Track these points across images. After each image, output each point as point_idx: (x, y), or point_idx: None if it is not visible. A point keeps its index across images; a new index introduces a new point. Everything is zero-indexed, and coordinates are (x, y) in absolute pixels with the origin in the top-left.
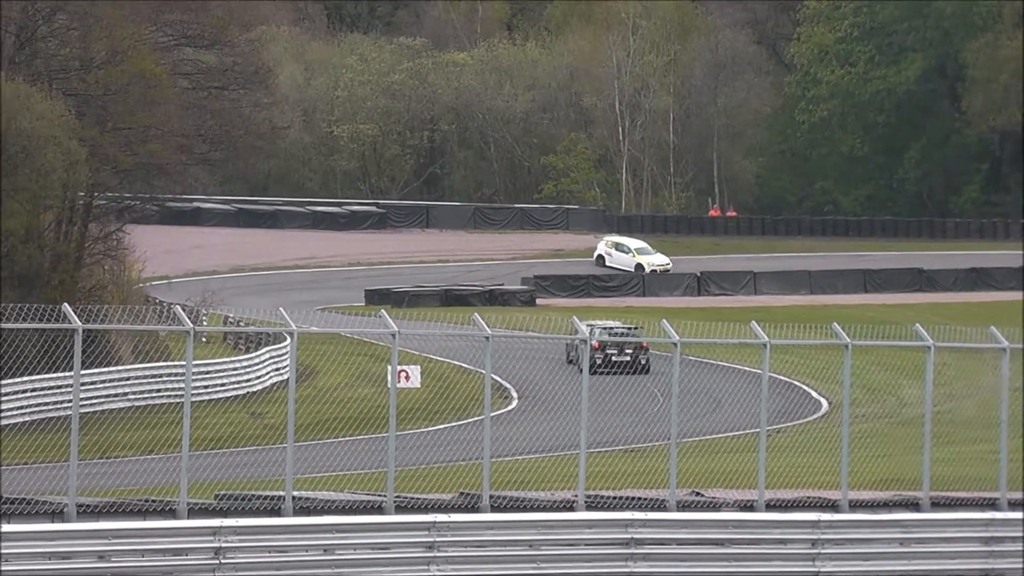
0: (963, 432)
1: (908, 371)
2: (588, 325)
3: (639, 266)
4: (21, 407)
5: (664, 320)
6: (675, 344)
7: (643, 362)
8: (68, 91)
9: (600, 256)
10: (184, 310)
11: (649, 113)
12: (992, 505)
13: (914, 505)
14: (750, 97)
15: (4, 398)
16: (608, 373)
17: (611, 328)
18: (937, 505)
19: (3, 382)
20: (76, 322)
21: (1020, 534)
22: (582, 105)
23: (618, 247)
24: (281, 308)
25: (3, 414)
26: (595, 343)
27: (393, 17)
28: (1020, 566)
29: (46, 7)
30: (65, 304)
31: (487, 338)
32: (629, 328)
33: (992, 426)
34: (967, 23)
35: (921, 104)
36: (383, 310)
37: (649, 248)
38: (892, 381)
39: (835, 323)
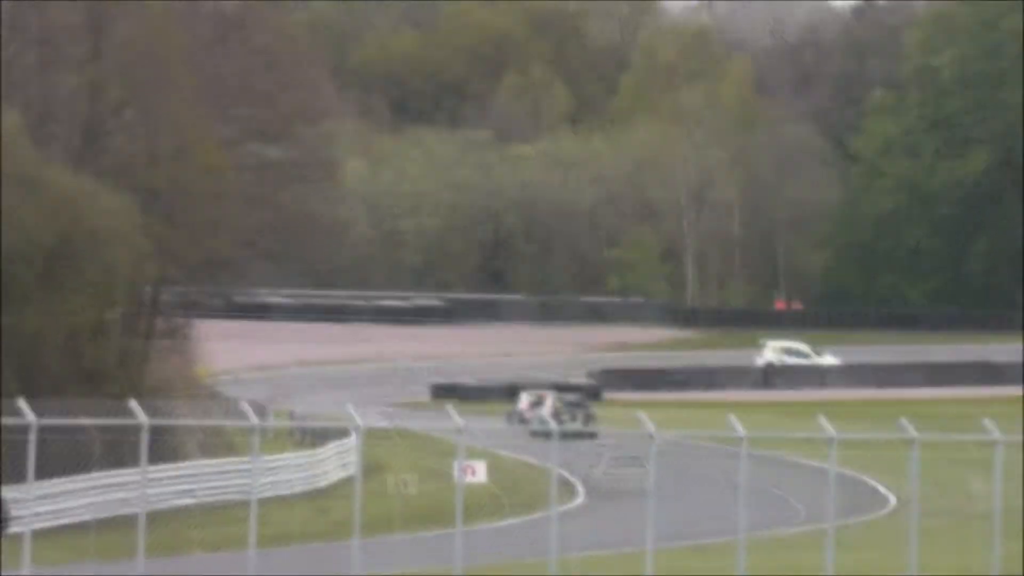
0: None
1: (976, 465)
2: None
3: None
4: (89, 503)
5: (731, 415)
6: (741, 439)
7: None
8: (135, 187)
9: (770, 363)
10: (251, 405)
11: (714, 205)
12: None
13: None
14: (815, 189)
15: (70, 495)
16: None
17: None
18: None
19: (68, 478)
20: (143, 418)
21: None
22: (647, 198)
23: (788, 352)
24: (349, 405)
25: (68, 511)
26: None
27: (458, 110)
28: None
29: (113, 103)
30: (132, 400)
31: (550, 434)
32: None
33: None
34: None
35: (988, 196)
36: (449, 406)
37: (807, 350)
38: (960, 475)
39: (902, 418)
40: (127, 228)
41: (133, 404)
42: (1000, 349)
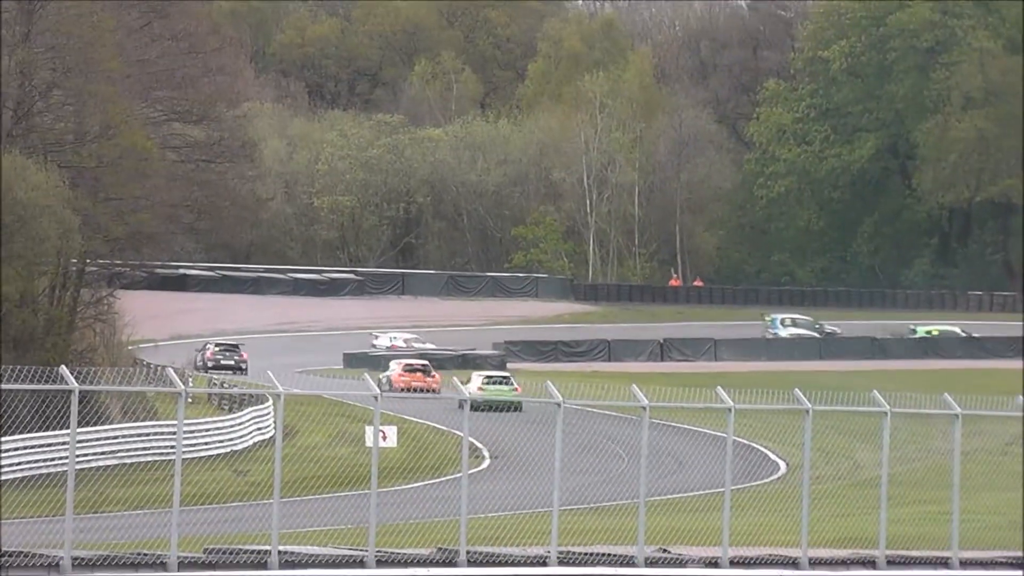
0: (915, 493)
1: (862, 435)
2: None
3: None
4: (17, 464)
5: (634, 385)
6: (644, 408)
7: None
8: (63, 163)
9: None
10: (173, 372)
11: (615, 187)
12: (945, 564)
13: (871, 563)
14: (711, 173)
15: (3, 455)
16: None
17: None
18: (893, 563)
19: (1, 439)
20: (73, 383)
21: None
22: (551, 179)
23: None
24: (269, 371)
25: (1, 471)
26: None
27: (371, 95)
28: None
29: (43, 84)
30: (62, 366)
31: (464, 401)
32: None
33: (943, 488)
34: (918, 105)
35: (874, 181)
36: (365, 373)
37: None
38: (847, 445)
39: (796, 389)
40: (55, 203)
41: (63, 370)
42: (885, 325)
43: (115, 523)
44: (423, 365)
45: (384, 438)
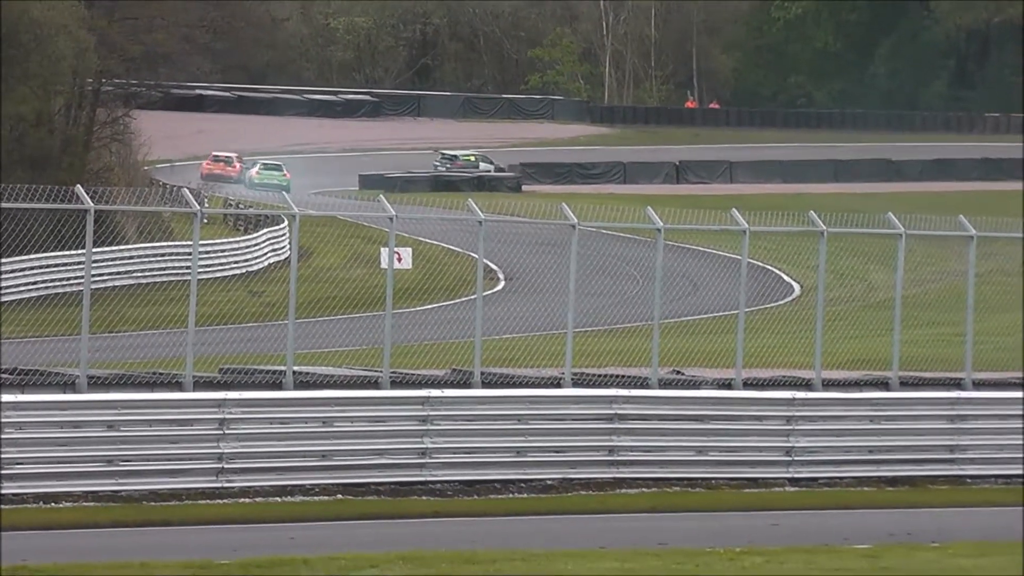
0: (929, 315)
1: (876, 257)
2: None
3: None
4: (31, 283)
5: (649, 208)
6: (659, 230)
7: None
8: None
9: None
10: (189, 192)
11: (632, 8)
12: (958, 385)
13: (884, 384)
14: None
15: (14, 275)
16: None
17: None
18: (906, 384)
19: (14, 259)
20: (88, 203)
21: (983, 412)
22: (568, 0)
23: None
24: (284, 193)
25: (12, 290)
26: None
27: None
28: (982, 442)
29: None
30: (78, 186)
31: (480, 222)
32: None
33: (958, 310)
34: None
35: (892, 2)
36: (381, 195)
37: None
38: (861, 267)
39: (811, 211)
40: (70, 22)
41: (79, 189)
42: (902, 147)
43: (131, 342)
44: (226, 156)
45: (399, 260)
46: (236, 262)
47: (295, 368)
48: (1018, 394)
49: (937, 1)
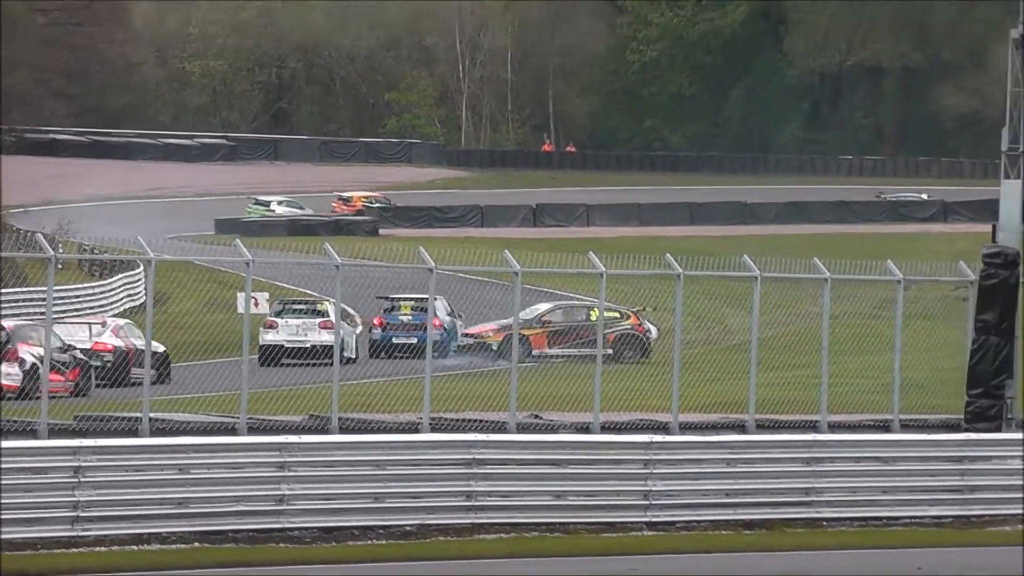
0: (785, 358)
1: (732, 300)
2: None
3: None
4: None
5: (506, 251)
6: (516, 273)
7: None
8: None
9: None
10: (43, 238)
11: (488, 52)
12: (813, 428)
13: (740, 427)
14: (584, 38)
15: None
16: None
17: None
18: (762, 427)
19: None
20: None
21: (839, 455)
22: (424, 44)
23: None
24: (139, 237)
25: None
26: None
27: None
28: (838, 485)
29: None
30: None
31: (337, 267)
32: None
33: (813, 352)
34: None
35: (745, 45)
36: (237, 239)
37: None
38: (717, 309)
39: (668, 254)
40: None
41: None
42: (756, 190)
43: None
44: None
45: (256, 304)
46: (91, 308)
47: (151, 415)
48: (872, 436)
49: (791, 44)
